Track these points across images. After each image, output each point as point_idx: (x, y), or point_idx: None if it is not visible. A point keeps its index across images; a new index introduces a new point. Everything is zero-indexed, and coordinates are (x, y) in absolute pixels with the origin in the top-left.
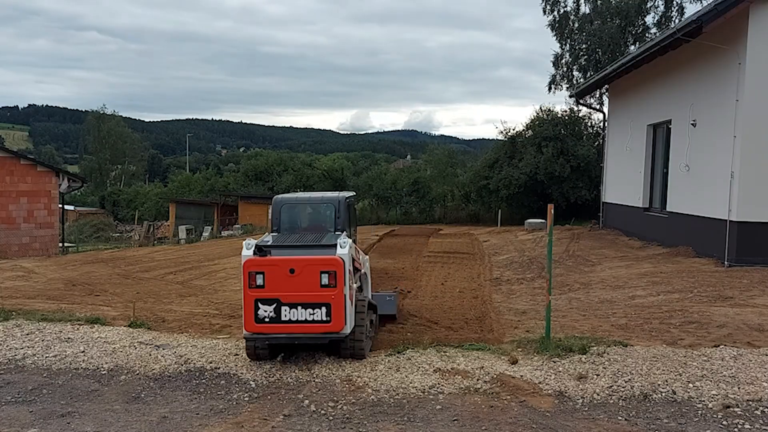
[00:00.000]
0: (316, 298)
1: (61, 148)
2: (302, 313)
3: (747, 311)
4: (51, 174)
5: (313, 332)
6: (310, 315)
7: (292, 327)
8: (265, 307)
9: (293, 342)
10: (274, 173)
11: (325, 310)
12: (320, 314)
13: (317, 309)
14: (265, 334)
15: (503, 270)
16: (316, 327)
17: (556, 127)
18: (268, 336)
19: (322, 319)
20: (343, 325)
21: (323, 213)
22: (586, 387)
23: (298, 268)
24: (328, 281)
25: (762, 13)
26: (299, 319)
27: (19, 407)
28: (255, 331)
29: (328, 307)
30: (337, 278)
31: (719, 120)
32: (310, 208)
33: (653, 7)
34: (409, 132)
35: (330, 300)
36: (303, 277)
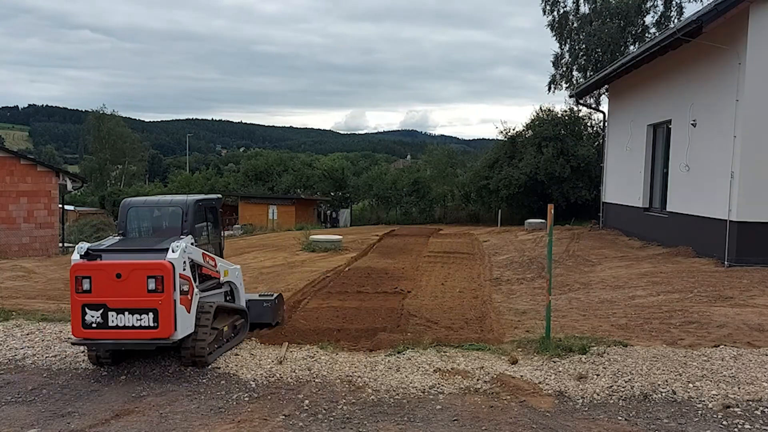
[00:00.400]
0: (143, 303)
1: (61, 148)
2: (129, 319)
3: (747, 311)
4: (51, 174)
5: (140, 338)
6: (137, 321)
7: (119, 333)
8: (92, 312)
9: (120, 348)
10: (274, 173)
11: (152, 316)
12: (147, 320)
13: (144, 314)
14: (92, 339)
15: (503, 270)
16: (143, 333)
17: (556, 127)
18: (95, 342)
19: (149, 324)
20: (171, 331)
21: (171, 217)
22: (586, 387)
23: (125, 272)
24: (155, 286)
25: (762, 13)
26: (126, 325)
27: (19, 407)
28: (82, 336)
29: (155, 312)
30: (165, 283)
31: (719, 120)
32: (158, 212)
33: (653, 8)
34: (409, 132)
35: (157, 305)
36: (130, 282)
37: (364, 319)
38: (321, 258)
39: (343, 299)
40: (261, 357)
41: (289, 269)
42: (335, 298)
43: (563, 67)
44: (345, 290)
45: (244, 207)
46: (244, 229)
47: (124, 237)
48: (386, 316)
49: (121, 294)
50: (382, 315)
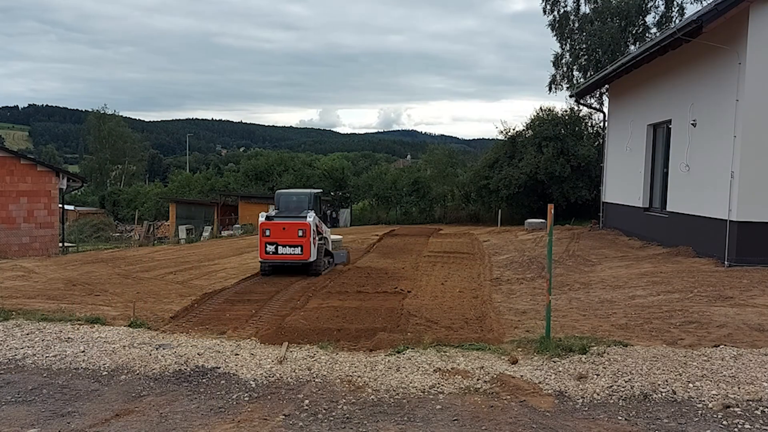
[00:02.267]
0: (297, 242)
1: (61, 148)
2: (289, 250)
3: (747, 311)
4: (51, 174)
5: (295, 260)
6: (292, 251)
7: (284, 257)
8: (269, 246)
9: (284, 264)
10: (274, 173)
11: (300, 248)
12: (298, 250)
13: (297, 248)
14: (269, 261)
15: (503, 270)
16: (296, 257)
17: (556, 127)
18: (271, 262)
19: (299, 253)
20: (309, 256)
21: (303, 200)
22: (586, 387)
23: (288, 227)
24: (303, 233)
25: (762, 13)
26: (287, 253)
27: (19, 407)
28: (264, 258)
29: (302, 246)
30: (306, 232)
31: (719, 120)
32: (295, 198)
33: (653, 7)
34: (409, 132)
35: (302, 243)
36: (290, 232)
37: (364, 319)
38: None
39: (343, 299)
40: (261, 357)
41: None
42: (335, 297)
43: (564, 67)
44: (345, 290)
45: (244, 207)
46: (244, 228)
47: (279, 211)
48: (386, 316)
49: (285, 237)
50: (382, 315)
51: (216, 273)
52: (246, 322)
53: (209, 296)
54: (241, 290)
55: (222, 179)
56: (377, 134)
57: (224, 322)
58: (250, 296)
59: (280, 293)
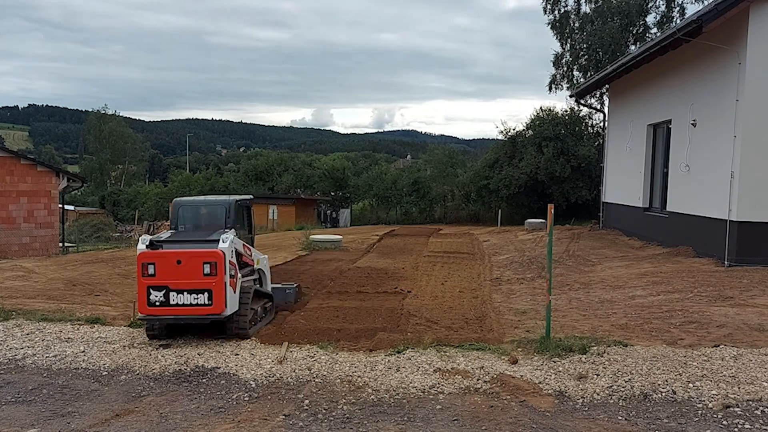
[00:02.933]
0: (200, 284)
1: (61, 148)
2: (187, 298)
3: (747, 311)
4: (51, 174)
5: (197, 314)
6: (194, 299)
7: (179, 310)
8: (156, 292)
9: (180, 323)
10: (274, 173)
11: (207, 295)
12: (203, 298)
13: (200, 294)
14: (156, 316)
15: (503, 270)
16: (200, 310)
17: (556, 127)
18: (158, 318)
19: (205, 302)
20: (223, 308)
21: (216, 213)
22: (586, 387)
23: (184, 259)
24: (210, 270)
25: (762, 13)
26: (185, 303)
27: (19, 407)
28: (147, 313)
29: (210, 292)
30: (218, 268)
31: (719, 120)
32: (204, 209)
33: (654, 7)
34: (409, 132)
35: (211, 286)
36: (188, 267)
37: (364, 319)
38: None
39: (343, 299)
40: (261, 357)
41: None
42: (335, 298)
43: (564, 67)
44: (345, 290)
45: None
46: None
47: (176, 231)
48: (386, 316)
49: (180, 277)
50: (382, 315)
51: None
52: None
53: None
54: None
55: (222, 179)
56: (377, 134)
57: None
58: None
59: None
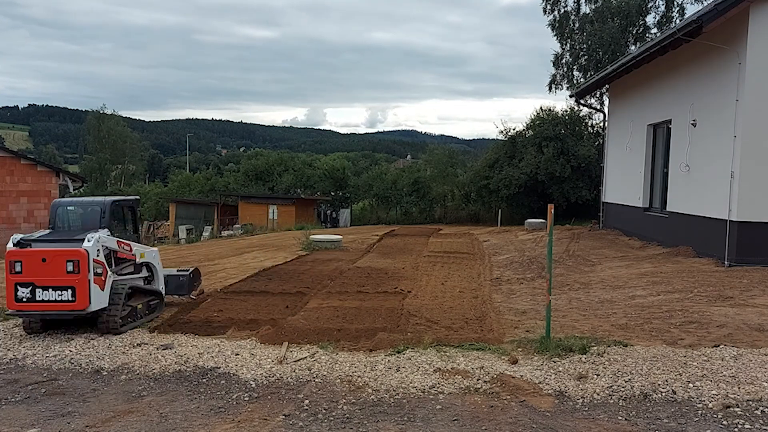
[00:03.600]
0: (63, 282)
1: (61, 148)
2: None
3: (747, 311)
4: (51, 174)
5: (61, 310)
6: (59, 296)
7: (45, 306)
8: (23, 289)
9: (45, 318)
10: (274, 173)
11: (70, 292)
12: (66, 295)
13: (64, 291)
14: (23, 311)
15: (503, 270)
16: (64, 306)
17: (556, 127)
18: (25, 313)
19: (68, 299)
20: (86, 305)
21: (91, 214)
22: (586, 387)
23: (49, 257)
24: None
25: (762, 13)
26: (50, 299)
27: (19, 407)
28: (15, 309)
29: (73, 289)
30: (81, 266)
31: (719, 120)
32: (81, 210)
33: (654, 7)
34: (410, 132)
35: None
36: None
37: (364, 319)
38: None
39: (343, 299)
40: (261, 357)
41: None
42: (335, 298)
43: (564, 67)
44: (345, 290)
45: (244, 207)
46: (244, 228)
47: (53, 230)
48: (386, 316)
49: (45, 274)
50: (382, 315)
51: (216, 273)
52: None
53: (210, 295)
54: (240, 289)
55: (222, 179)
56: (377, 134)
57: (224, 322)
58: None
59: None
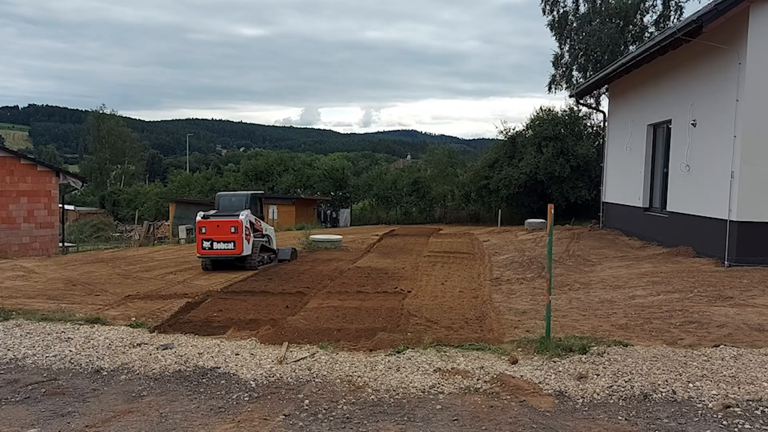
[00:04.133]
0: (229, 237)
1: (61, 148)
2: (222, 246)
3: (747, 311)
4: (51, 174)
5: (228, 254)
6: (226, 246)
7: (218, 252)
8: (205, 242)
9: (219, 259)
10: (274, 173)
11: (233, 244)
12: (231, 246)
13: (229, 243)
14: (206, 255)
15: (503, 270)
16: (229, 251)
17: (556, 127)
18: (207, 256)
19: (232, 248)
20: (242, 251)
21: (239, 200)
22: (586, 387)
23: (221, 224)
24: (235, 230)
25: (762, 13)
26: (221, 248)
27: (19, 407)
28: (201, 254)
29: (234, 242)
30: (238, 229)
31: (719, 120)
32: (234, 198)
33: (652, 7)
34: (409, 132)
35: (235, 239)
36: (223, 228)
37: (364, 319)
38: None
39: (343, 299)
40: (261, 357)
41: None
42: (335, 298)
43: (563, 67)
44: (345, 290)
45: None
46: None
47: (218, 211)
48: (386, 316)
49: (219, 234)
50: (382, 315)
51: (216, 273)
52: (247, 322)
53: (210, 295)
54: (240, 289)
55: (222, 179)
56: (377, 134)
57: (224, 322)
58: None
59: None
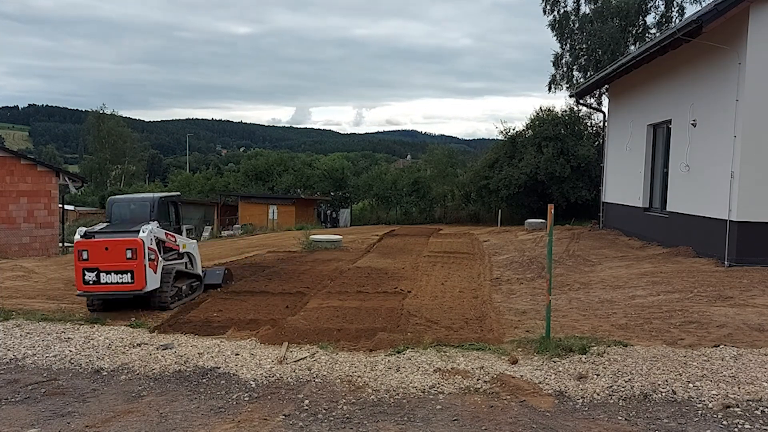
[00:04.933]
0: (124, 266)
1: (61, 148)
2: (114, 277)
3: (747, 311)
4: (51, 174)
5: (123, 290)
6: (120, 278)
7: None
8: (89, 273)
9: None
10: (274, 173)
11: (130, 275)
12: (127, 278)
13: (124, 274)
14: (90, 292)
15: (503, 270)
16: (124, 287)
17: (556, 127)
18: (92, 294)
19: (128, 281)
20: (143, 285)
21: (141, 208)
22: (586, 387)
23: (111, 246)
24: (132, 255)
25: (762, 13)
26: (112, 281)
27: (19, 407)
28: (83, 290)
29: (132, 272)
30: (138, 253)
31: (719, 120)
32: (133, 205)
33: (653, 7)
34: (409, 132)
35: (133, 268)
36: (114, 253)
37: (364, 319)
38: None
39: (343, 299)
40: (261, 357)
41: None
42: (335, 298)
43: (563, 67)
44: (345, 290)
45: (244, 207)
46: (244, 228)
47: (110, 223)
48: (386, 316)
49: (108, 261)
50: (382, 315)
51: None
52: (247, 322)
53: (210, 295)
54: (240, 289)
55: (222, 179)
56: (377, 134)
57: (224, 322)
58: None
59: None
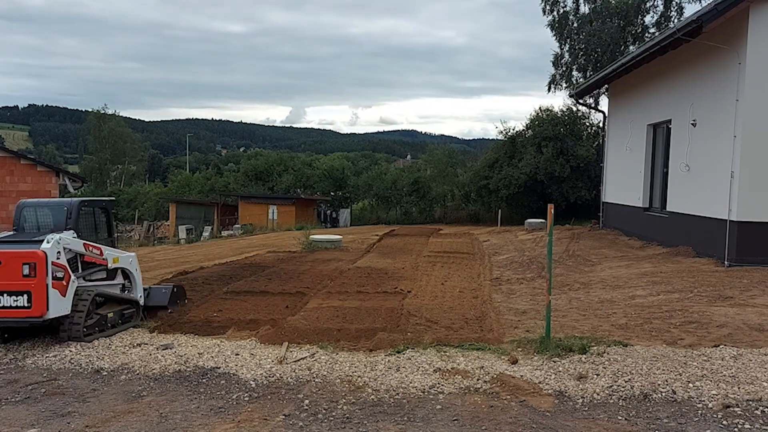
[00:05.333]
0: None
1: (61, 148)
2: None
3: (747, 311)
4: (51, 174)
5: (16, 317)
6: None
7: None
8: None
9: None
10: (274, 173)
11: (26, 297)
12: (22, 301)
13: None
14: None
15: (503, 270)
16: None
17: (555, 127)
18: None
19: (24, 305)
20: (44, 311)
21: (57, 215)
22: (586, 387)
23: (4, 259)
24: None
25: (762, 13)
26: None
27: (19, 407)
28: None
29: (29, 294)
30: (38, 269)
31: (719, 120)
32: (47, 210)
33: (653, 7)
34: (409, 132)
35: (30, 288)
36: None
37: (364, 319)
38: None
39: (343, 299)
40: (261, 357)
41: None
42: (335, 298)
43: (563, 67)
44: (345, 290)
45: (244, 207)
46: (244, 228)
47: (17, 232)
48: (386, 316)
49: (0, 278)
50: (382, 315)
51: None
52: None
53: (210, 295)
54: (240, 289)
55: (222, 179)
56: (377, 134)
57: (224, 322)
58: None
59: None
